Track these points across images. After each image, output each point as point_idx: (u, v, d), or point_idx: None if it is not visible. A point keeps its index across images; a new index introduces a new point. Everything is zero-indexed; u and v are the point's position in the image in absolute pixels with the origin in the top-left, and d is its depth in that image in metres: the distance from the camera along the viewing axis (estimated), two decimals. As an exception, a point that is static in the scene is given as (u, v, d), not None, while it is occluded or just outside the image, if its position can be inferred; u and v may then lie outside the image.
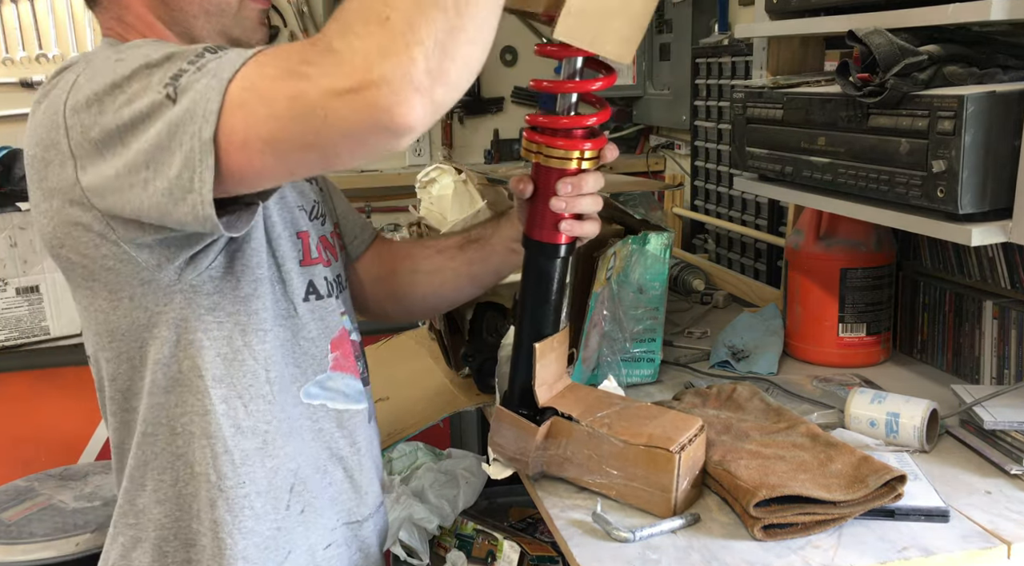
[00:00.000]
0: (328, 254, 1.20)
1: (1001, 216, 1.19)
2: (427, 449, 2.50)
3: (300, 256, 1.10)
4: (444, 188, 1.91)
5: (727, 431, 1.30)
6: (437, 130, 3.18)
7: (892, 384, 1.56)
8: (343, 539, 1.18)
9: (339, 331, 1.16)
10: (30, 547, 1.84)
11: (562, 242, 1.16)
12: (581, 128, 1.13)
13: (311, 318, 1.12)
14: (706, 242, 2.66)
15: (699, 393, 1.47)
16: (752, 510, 1.10)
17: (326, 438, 1.15)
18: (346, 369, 1.17)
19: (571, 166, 1.14)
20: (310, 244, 1.14)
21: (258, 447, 1.07)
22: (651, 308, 1.60)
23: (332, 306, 1.15)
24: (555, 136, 1.13)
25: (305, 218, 1.17)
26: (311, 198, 1.21)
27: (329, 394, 1.14)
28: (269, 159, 0.81)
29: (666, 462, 1.13)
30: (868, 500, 1.12)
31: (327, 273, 1.17)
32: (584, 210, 1.16)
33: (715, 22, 2.54)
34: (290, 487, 1.10)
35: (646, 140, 3.21)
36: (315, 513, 1.13)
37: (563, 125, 1.13)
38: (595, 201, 1.17)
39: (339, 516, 1.17)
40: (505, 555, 2.23)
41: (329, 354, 1.13)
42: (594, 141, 1.15)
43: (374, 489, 1.24)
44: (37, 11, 2.87)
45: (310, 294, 1.11)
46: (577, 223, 1.16)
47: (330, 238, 1.23)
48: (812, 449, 1.22)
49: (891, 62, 1.22)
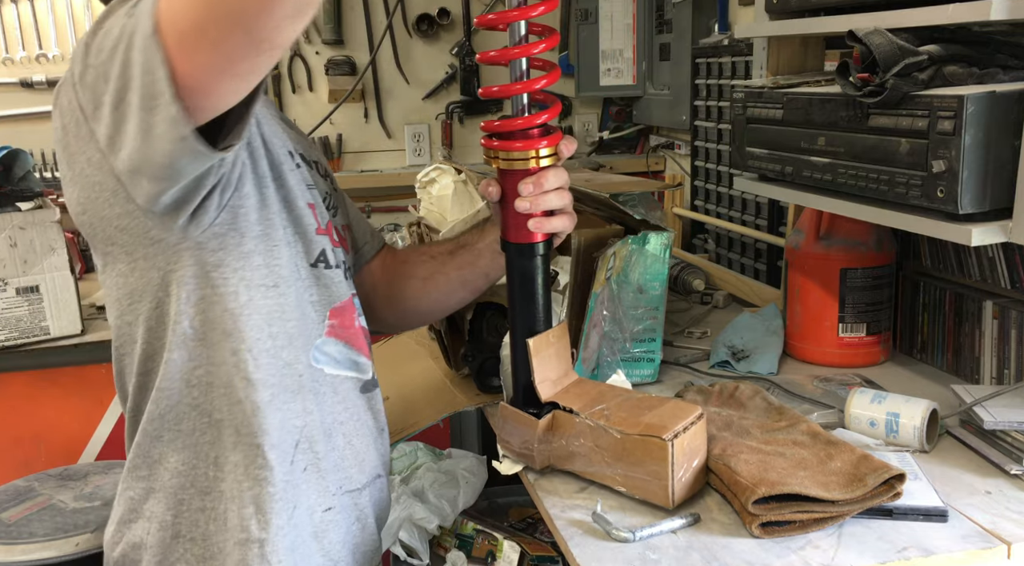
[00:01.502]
0: (340, 241, 1.23)
1: (1001, 216, 1.19)
2: (427, 449, 2.50)
3: (315, 224, 1.13)
4: (444, 188, 1.91)
5: (728, 428, 1.30)
6: (437, 130, 3.18)
7: (892, 384, 1.56)
8: (341, 506, 1.19)
9: (342, 302, 1.17)
10: (30, 547, 1.84)
11: (537, 240, 1.19)
12: (534, 128, 1.16)
13: (316, 283, 1.14)
14: (706, 242, 2.66)
15: (701, 391, 1.48)
16: (751, 507, 1.11)
17: (326, 401, 1.17)
18: (341, 337, 1.18)
19: (531, 166, 1.16)
20: (323, 219, 1.16)
21: (268, 400, 1.09)
22: (651, 308, 1.60)
23: (340, 278, 1.18)
24: (511, 139, 1.16)
25: (320, 202, 1.19)
26: (323, 189, 1.23)
27: (327, 359, 1.16)
28: (206, 53, 0.82)
29: (659, 450, 1.13)
30: (866, 499, 1.12)
31: (340, 253, 1.19)
32: (551, 206, 1.18)
33: (715, 22, 2.54)
34: (295, 443, 1.12)
35: (646, 140, 3.21)
36: (318, 474, 1.15)
37: (517, 126, 1.15)
38: (560, 196, 1.19)
39: (340, 483, 1.19)
40: (505, 555, 2.23)
41: (326, 320, 1.15)
42: (549, 138, 1.16)
43: (371, 458, 1.24)
44: (37, 11, 2.87)
45: (319, 261, 1.14)
46: (546, 220, 1.18)
47: (341, 230, 1.26)
48: (812, 447, 1.22)
49: (891, 62, 1.22)
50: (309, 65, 3.06)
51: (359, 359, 1.21)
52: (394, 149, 3.18)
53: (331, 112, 3.04)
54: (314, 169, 1.24)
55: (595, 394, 1.26)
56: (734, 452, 1.20)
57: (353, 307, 1.21)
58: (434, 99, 3.17)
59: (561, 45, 3.18)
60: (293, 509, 1.12)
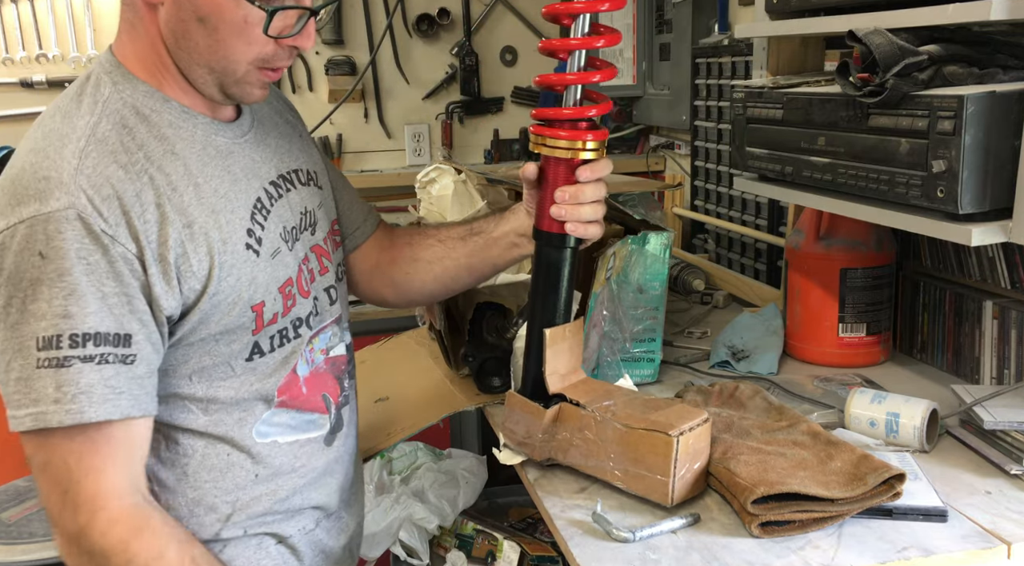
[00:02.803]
0: (315, 267, 1.21)
1: (1001, 216, 1.19)
2: (427, 449, 2.50)
3: (253, 326, 1.10)
4: (444, 188, 1.91)
5: (728, 429, 1.30)
6: (437, 130, 3.18)
7: (892, 384, 1.56)
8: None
9: (285, 379, 1.16)
10: (30, 547, 1.84)
11: (563, 232, 1.19)
12: (582, 120, 1.17)
13: (253, 375, 1.13)
14: (706, 242, 2.66)
15: (701, 391, 1.48)
16: (750, 507, 1.11)
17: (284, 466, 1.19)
18: (292, 407, 1.17)
19: (574, 157, 1.17)
20: (269, 308, 1.11)
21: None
22: (651, 308, 1.60)
23: (277, 358, 1.14)
24: (558, 127, 1.17)
25: (288, 250, 1.15)
26: (298, 211, 1.20)
27: (278, 430, 1.16)
28: None
29: (664, 446, 1.13)
30: (866, 498, 1.12)
31: (302, 310, 1.17)
32: (584, 218, 1.19)
33: (715, 22, 2.54)
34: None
35: (646, 140, 3.20)
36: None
37: (565, 115, 1.17)
38: (595, 209, 1.20)
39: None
40: (505, 555, 2.23)
41: (275, 399, 1.15)
42: (595, 133, 1.17)
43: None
44: (37, 11, 2.87)
45: (254, 354, 1.12)
46: (581, 225, 1.19)
47: (324, 243, 1.24)
48: (812, 447, 1.22)
49: (891, 62, 1.22)
50: (309, 65, 3.06)
51: (320, 415, 1.22)
52: (394, 149, 3.18)
53: (331, 112, 3.04)
54: (292, 189, 1.20)
55: (603, 392, 1.27)
56: (734, 454, 1.20)
57: (296, 376, 1.17)
58: (434, 99, 3.17)
59: (561, 45, 3.18)
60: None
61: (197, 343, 1.07)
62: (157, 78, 1.07)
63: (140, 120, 1.04)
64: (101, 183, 0.97)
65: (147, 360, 1.01)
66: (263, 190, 1.13)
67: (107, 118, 1.02)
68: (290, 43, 1.06)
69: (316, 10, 1.07)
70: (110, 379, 0.96)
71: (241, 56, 1.04)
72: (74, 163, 0.97)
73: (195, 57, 1.05)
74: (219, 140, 1.10)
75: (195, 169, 1.05)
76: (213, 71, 1.05)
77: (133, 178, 0.99)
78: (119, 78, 1.06)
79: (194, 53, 1.04)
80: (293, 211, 1.18)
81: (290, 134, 1.26)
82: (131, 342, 0.98)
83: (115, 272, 0.97)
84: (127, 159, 1.00)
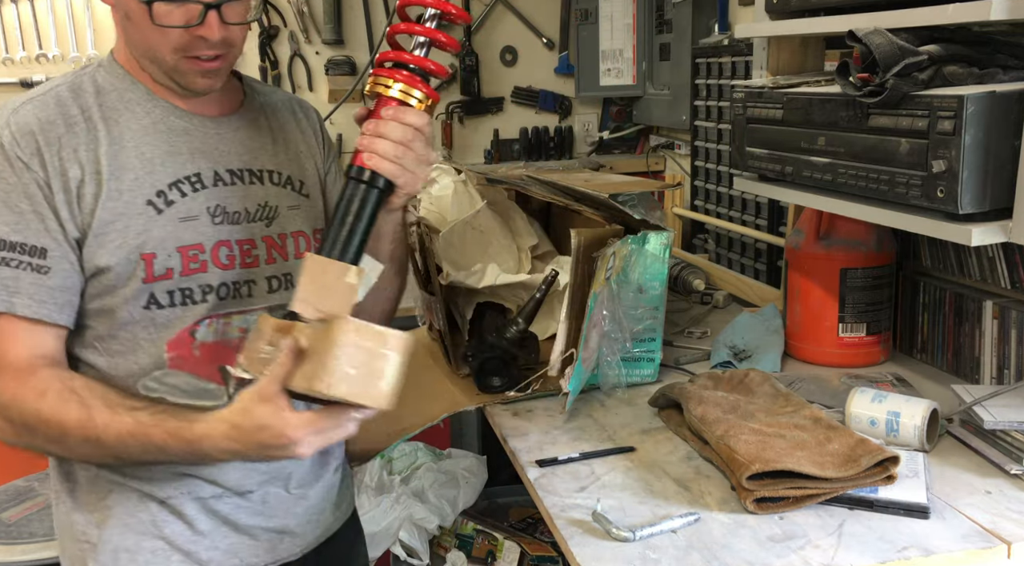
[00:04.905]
0: (260, 254, 1.26)
1: (1001, 216, 1.19)
2: (427, 449, 2.50)
3: (144, 274, 1.19)
4: (444, 188, 1.91)
5: (734, 411, 1.33)
6: (437, 130, 3.18)
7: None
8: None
9: (177, 335, 1.22)
10: (30, 547, 1.84)
11: (366, 167, 1.14)
12: (409, 68, 1.16)
13: (152, 325, 1.21)
14: (706, 242, 2.66)
15: (712, 377, 1.51)
16: (745, 482, 1.14)
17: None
18: (185, 368, 1.22)
19: (386, 93, 1.16)
20: (161, 261, 1.20)
21: None
22: (651, 308, 1.60)
23: (176, 314, 1.21)
24: (380, 66, 1.19)
25: (211, 223, 1.23)
26: (255, 202, 1.27)
27: (166, 388, 1.20)
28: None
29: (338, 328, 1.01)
30: (859, 478, 1.15)
31: (213, 279, 1.22)
32: (379, 151, 1.14)
33: (715, 22, 2.54)
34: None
35: (646, 140, 3.21)
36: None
37: (387, 56, 1.18)
38: (396, 148, 1.14)
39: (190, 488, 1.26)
40: (505, 555, 2.23)
41: (165, 354, 1.22)
42: (416, 80, 1.16)
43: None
44: (37, 11, 2.87)
45: (151, 304, 1.21)
46: (376, 156, 1.13)
47: (278, 239, 1.29)
48: (812, 430, 1.25)
49: (891, 62, 1.22)
50: (309, 65, 3.06)
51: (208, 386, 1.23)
52: (394, 149, 3.18)
53: (331, 112, 3.04)
54: (257, 184, 1.27)
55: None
56: (735, 433, 1.24)
57: (190, 337, 1.22)
58: (434, 99, 3.17)
59: (561, 45, 3.18)
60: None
61: (97, 277, 1.18)
62: (136, 70, 1.23)
63: (96, 91, 1.21)
64: (26, 122, 1.16)
65: (62, 274, 1.15)
66: (212, 171, 1.25)
67: (67, 85, 1.21)
68: (196, 33, 1.14)
69: (212, 5, 1.13)
70: (17, 280, 1.13)
71: (160, 46, 1.16)
72: (14, 108, 1.18)
73: (135, 50, 1.20)
74: (176, 121, 1.24)
75: (129, 135, 1.20)
76: (152, 62, 1.19)
77: (61, 127, 1.17)
78: (105, 63, 1.24)
79: (133, 47, 1.20)
80: (246, 199, 1.27)
81: (287, 144, 1.35)
82: (46, 255, 1.14)
83: (28, 194, 1.14)
84: (60, 112, 1.18)
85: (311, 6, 3.02)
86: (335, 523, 1.42)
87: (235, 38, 1.19)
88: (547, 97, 3.22)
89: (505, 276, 1.74)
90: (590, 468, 1.32)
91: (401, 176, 1.15)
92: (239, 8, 1.17)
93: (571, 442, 1.41)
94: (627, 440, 1.41)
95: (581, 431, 1.45)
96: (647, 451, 1.37)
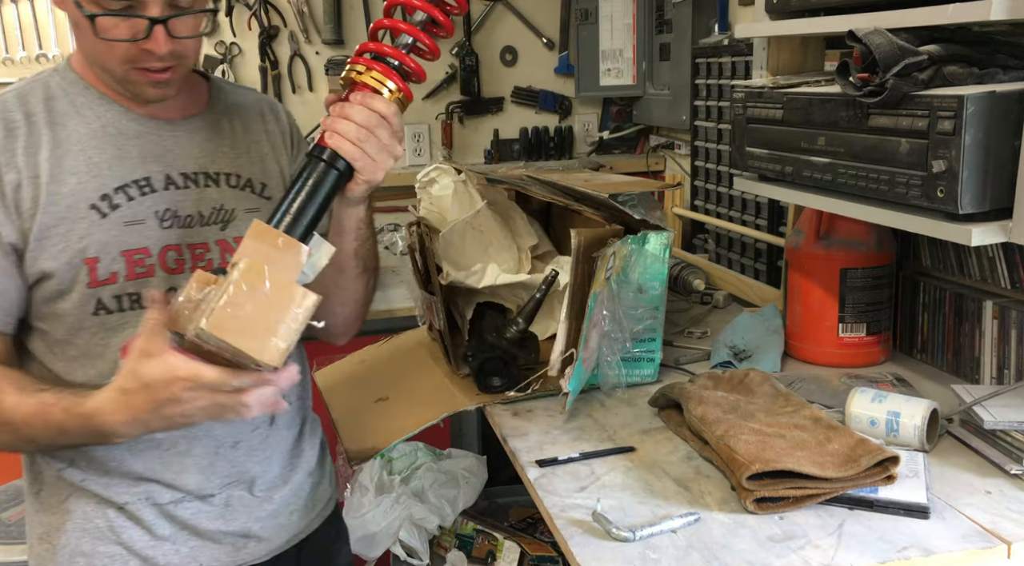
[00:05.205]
0: (214, 257, 1.26)
1: (1001, 216, 1.19)
2: (427, 449, 2.50)
3: (88, 279, 1.18)
4: (444, 188, 1.91)
5: (733, 411, 1.33)
6: (437, 130, 3.18)
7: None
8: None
9: (131, 340, 1.18)
10: (30, 547, 1.84)
11: (327, 146, 1.14)
12: (386, 61, 1.16)
13: (103, 330, 1.21)
14: (706, 242, 2.66)
15: (712, 377, 1.51)
16: (745, 482, 1.14)
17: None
18: None
19: (357, 79, 1.16)
20: (105, 266, 1.19)
21: None
22: (651, 308, 1.60)
23: (127, 320, 1.21)
24: (359, 55, 1.18)
25: (159, 227, 1.22)
26: (210, 205, 1.26)
27: None
28: None
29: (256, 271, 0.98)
30: (859, 478, 1.15)
31: (162, 285, 1.21)
32: (340, 131, 1.13)
33: (715, 22, 2.54)
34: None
35: (646, 140, 3.21)
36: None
37: (365, 47, 1.17)
38: (359, 131, 1.13)
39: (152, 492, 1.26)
40: (505, 555, 2.23)
41: (121, 359, 1.18)
42: (392, 73, 1.15)
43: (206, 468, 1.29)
44: (37, 11, 2.87)
45: (100, 310, 1.20)
46: (337, 136, 1.13)
47: (234, 242, 1.27)
48: (812, 430, 1.25)
49: (891, 62, 1.22)
50: (309, 65, 3.06)
51: None
52: (394, 149, 3.18)
53: (331, 112, 3.04)
54: (213, 186, 1.27)
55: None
56: (735, 433, 1.24)
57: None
58: (434, 99, 3.17)
59: (561, 45, 3.18)
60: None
61: (43, 283, 1.18)
62: (91, 75, 1.23)
63: (45, 96, 1.22)
64: None
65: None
66: (163, 174, 1.24)
67: (16, 90, 1.23)
68: (142, 47, 1.13)
69: (158, 20, 1.11)
70: None
71: (107, 58, 1.16)
72: None
73: (87, 58, 1.21)
74: (129, 125, 1.23)
75: (76, 138, 1.20)
76: (103, 71, 1.19)
77: (3, 130, 1.17)
78: (60, 69, 1.26)
79: (86, 55, 1.21)
80: (200, 202, 1.26)
81: (250, 146, 1.33)
82: None
83: None
84: (5, 117, 1.19)
85: (311, 6, 3.02)
86: (308, 527, 1.41)
87: (185, 51, 1.17)
88: (547, 97, 3.22)
89: (505, 276, 1.74)
90: (590, 468, 1.32)
91: (361, 160, 1.13)
92: (189, 22, 1.15)
93: (571, 442, 1.41)
94: (627, 440, 1.41)
95: (581, 431, 1.45)
96: (647, 451, 1.37)
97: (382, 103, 1.14)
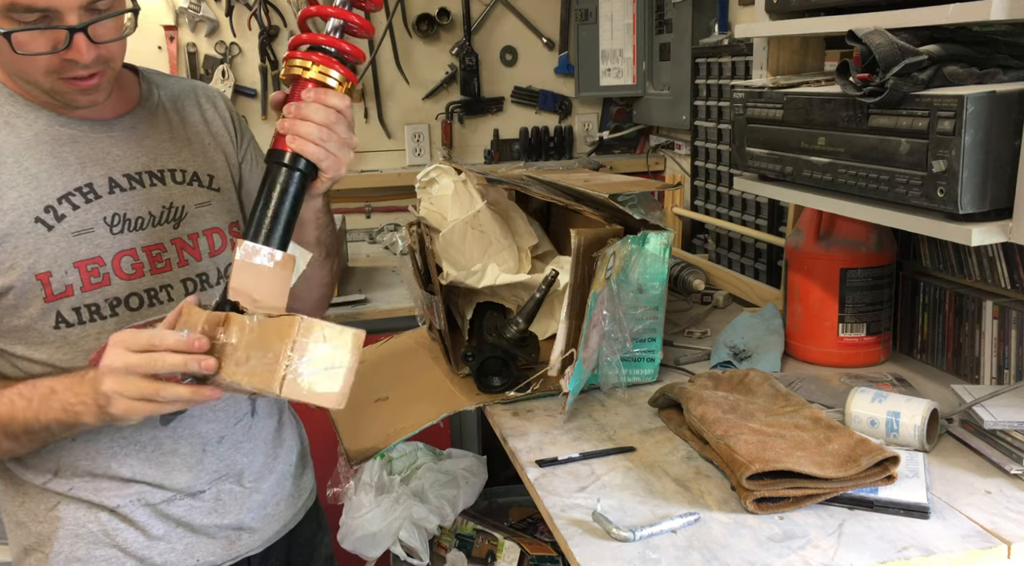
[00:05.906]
0: (171, 257, 1.25)
1: (1001, 216, 1.19)
2: (427, 449, 2.49)
3: (43, 294, 1.16)
4: (444, 188, 1.91)
5: (733, 411, 1.33)
6: (437, 130, 3.18)
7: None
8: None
9: (97, 353, 1.18)
10: (30, 547, 1.84)
11: (286, 149, 1.12)
12: (324, 50, 1.16)
13: (65, 344, 1.19)
14: (706, 242, 2.66)
15: (712, 377, 1.51)
16: (745, 482, 1.15)
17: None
18: None
19: (302, 74, 1.14)
20: (59, 279, 1.17)
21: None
22: (651, 308, 1.60)
23: (91, 332, 1.19)
24: (294, 49, 1.17)
25: (109, 234, 1.20)
26: (159, 204, 1.24)
27: None
28: None
29: (288, 326, 1.00)
30: (859, 478, 1.15)
31: (119, 291, 1.20)
32: (302, 133, 1.11)
33: (715, 22, 2.54)
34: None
35: (646, 140, 3.21)
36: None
37: (301, 39, 1.17)
38: (320, 130, 1.12)
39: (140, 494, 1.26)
40: (505, 555, 2.23)
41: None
42: (332, 60, 1.15)
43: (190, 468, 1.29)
44: (37, 11, 2.87)
45: (60, 323, 1.18)
46: (299, 138, 1.11)
47: (189, 239, 1.26)
48: (812, 430, 1.25)
49: (891, 62, 1.22)
50: (309, 65, 3.06)
51: None
52: (394, 149, 3.18)
53: (331, 112, 3.04)
54: (159, 185, 1.25)
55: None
56: (735, 433, 1.24)
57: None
58: (434, 99, 3.17)
59: (561, 45, 3.18)
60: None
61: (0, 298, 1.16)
62: (14, 85, 1.18)
63: None
64: None
65: None
66: (106, 178, 1.21)
67: None
68: (65, 57, 1.10)
69: (77, 28, 1.08)
70: None
71: (31, 72, 1.12)
72: None
73: (9, 74, 1.17)
74: (62, 130, 1.19)
75: (9, 150, 1.16)
76: (27, 83, 1.15)
77: None
78: None
79: (7, 71, 1.17)
80: (149, 202, 1.24)
81: (191, 138, 1.31)
82: None
83: None
84: None
85: (311, 6, 3.03)
86: (295, 517, 1.43)
87: (111, 54, 1.14)
88: (547, 97, 3.22)
89: (505, 276, 1.74)
90: (590, 468, 1.32)
91: (326, 159, 1.12)
92: (111, 25, 1.12)
93: (571, 442, 1.41)
94: (627, 440, 1.41)
95: (581, 431, 1.45)
96: (647, 451, 1.37)
97: (336, 98, 1.13)
